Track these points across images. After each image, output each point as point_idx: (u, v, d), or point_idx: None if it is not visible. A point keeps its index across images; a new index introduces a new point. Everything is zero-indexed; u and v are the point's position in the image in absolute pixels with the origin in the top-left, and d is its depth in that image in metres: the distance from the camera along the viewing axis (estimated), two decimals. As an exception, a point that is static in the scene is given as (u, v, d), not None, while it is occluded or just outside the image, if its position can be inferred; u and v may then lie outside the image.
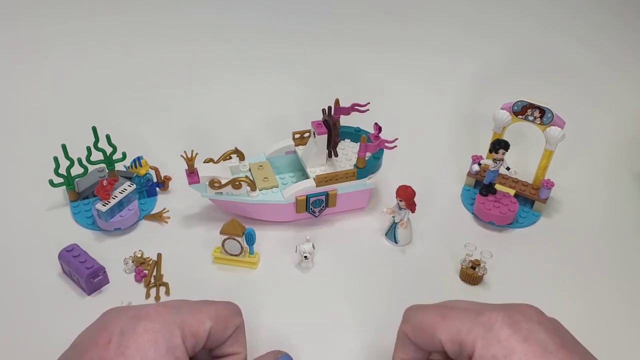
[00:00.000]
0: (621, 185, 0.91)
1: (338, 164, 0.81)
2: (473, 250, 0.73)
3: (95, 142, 0.81)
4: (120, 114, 1.01)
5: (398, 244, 0.78)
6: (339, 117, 0.80)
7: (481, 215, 0.81)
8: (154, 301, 0.70)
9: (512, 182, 0.85)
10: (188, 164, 0.75)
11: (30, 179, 0.86)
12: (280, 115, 1.02)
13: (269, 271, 0.75)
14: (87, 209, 0.81)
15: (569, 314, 0.71)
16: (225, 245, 0.74)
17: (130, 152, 0.84)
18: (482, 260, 0.73)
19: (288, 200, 0.78)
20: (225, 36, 1.26)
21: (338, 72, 1.15)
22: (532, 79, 1.14)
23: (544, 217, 0.84)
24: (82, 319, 0.68)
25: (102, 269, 0.71)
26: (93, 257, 0.71)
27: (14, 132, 0.97)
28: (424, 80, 1.14)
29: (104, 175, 0.83)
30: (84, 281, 0.69)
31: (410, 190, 0.75)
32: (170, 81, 1.12)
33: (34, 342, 0.65)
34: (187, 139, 0.94)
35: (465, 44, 1.25)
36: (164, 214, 0.82)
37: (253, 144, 0.90)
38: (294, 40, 1.25)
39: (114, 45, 1.21)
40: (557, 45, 1.26)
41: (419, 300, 0.71)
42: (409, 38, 1.27)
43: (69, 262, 0.70)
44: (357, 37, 1.27)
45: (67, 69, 1.14)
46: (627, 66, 1.21)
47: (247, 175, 0.80)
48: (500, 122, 0.81)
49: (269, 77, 1.14)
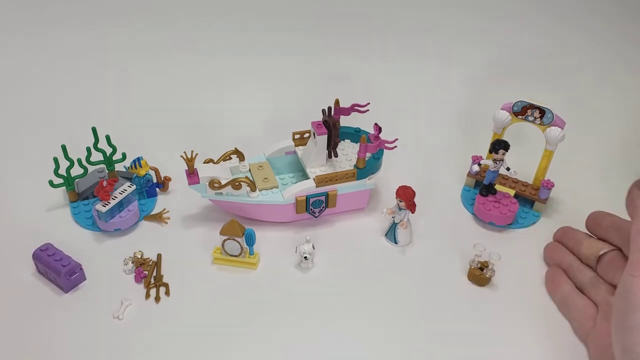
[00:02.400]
0: (621, 185, 0.91)
1: (338, 164, 0.81)
2: (482, 251, 0.73)
3: (95, 142, 0.81)
4: (120, 115, 1.01)
5: (398, 244, 0.78)
6: (338, 117, 0.80)
7: (481, 216, 0.81)
8: (154, 302, 0.70)
9: (512, 183, 0.85)
10: (188, 165, 0.75)
11: (31, 180, 0.86)
12: (280, 115, 1.02)
13: (269, 272, 0.75)
14: (87, 209, 0.81)
15: (569, 314, 0.71)
16: (225, 245, 0.74)
17: (130, 153, 0.84)
18: (490, 262, 0.73)
19: (288, 201, 0.78)
20: (225, 36, 1.26)
21: (338, 72, 1.15)
22: (532, 80, 1.14)
23: (544, 217, 0.84)
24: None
25: (79, 266, 0.71)
26: (68, 255, 0.71)
27: (14, 132, 0.97)
28: (424, 81, 1.14)
29: (103, 175, 0.83)
30: (62, 279, 0.69)
31: (410, 190, 0.74)
32: (171, 82, 1.12)
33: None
34: (187, 140, 0.94)
35: (466, 44, 1.25)
36: (164, 215, 0.82)
37: (253, 144, 0.90)
38: (294, 40, 1.25)
39: (114, 46, 1.21)
40: (558, 46, 1.26)
41: (419, 300, 0.72)
42: (409, 38, 1.27)
43: (43, 261, 0.70)
44: (357, 37, 1.27)
45: (67, 69, 1.14)
46: (627, 66, 1.21)
47: (247, 176, 0.80)
48: (500, 123, 0.81)
49: (269, 77, 1.14)
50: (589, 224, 0.74)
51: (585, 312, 0.66)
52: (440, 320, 0.69)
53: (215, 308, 0.70)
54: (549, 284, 0.72)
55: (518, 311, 0.71)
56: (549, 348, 0.67)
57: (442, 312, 0.70)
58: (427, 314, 0.70)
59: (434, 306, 0.71)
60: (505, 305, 0.71)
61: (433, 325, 0.69)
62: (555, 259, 0.74)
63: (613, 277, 0.65)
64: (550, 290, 0.72)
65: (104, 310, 0.69)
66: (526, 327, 0.69)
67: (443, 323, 0.69)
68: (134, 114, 1.02)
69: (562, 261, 0.73)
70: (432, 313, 0.70)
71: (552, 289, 0.72)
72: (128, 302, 0.70)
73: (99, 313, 0.69)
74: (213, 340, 0.66)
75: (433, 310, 0.70)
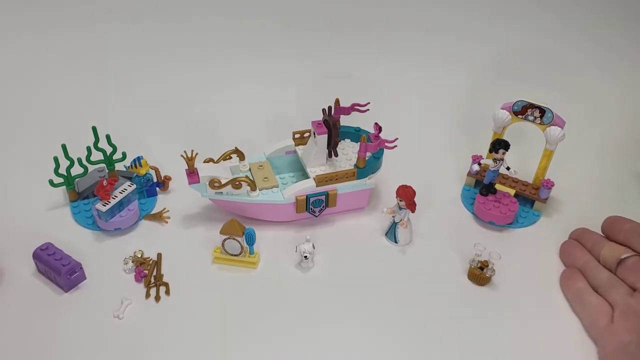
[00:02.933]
0: (621, 185, 0.91)
1: (338, 164, 0.81)
2: (482, 251, 0.73)
3: (96, 142, 0.81)
4: (120, 114, 1.01)
5: (398, 243, 0.78)
6: (339, 117, 0.80)
7: (481, 215, 0.81)
8: (154, 301, 0.70)
9: (512, 182, 0.85)
10: (188, 164, 0.75)
11: (30, 179, 0.86)
12: (280, 115, 1.02)
13: (269, 271, 0.75)
14: (87, 209, 0.81)
15: (569, 313, 0.71)
16: (225, 245, 0.74)
17: (130, 152, 0.84)
18: (490, 261, 0.73)
19: (288, 200, 0.78)
20: (225, 36, 1.26)
21: (338, 72, 1.15)
22: (532, 79, 1.14)
23: (544, 217, 0.84)
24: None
25: (79, 265, 0.71)
26: (68, 254, 0.71)
27: (14, 132, 0.97)
28: (424, 80, 1.14)
29: (104, 175, 0.83)
30: (62, 278, 0.69)
31: (410, 190, 0.75)
32: (171, 81, 1.12)
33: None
34: (187, 139, 0.94)
35: (466, 44, 1.25)
36: (164, 214, 0.82)
37: (253, 144, 0.90)
38: (295, 40, 1.25)
39: (114, 46, 1.21)
40: (558, 46, 1.26)
41: (419, 299, 0.72)
42: (410, 38, 1.27)
43: (44, 260, 0.70)
44: (358, 37, 1.27)
45: (68, 68, 1.14)
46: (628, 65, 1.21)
47: (247, 175, 0.80)
48: (500, 122, 0.81)
49: (270, 77, 1.14)
50: (606, 227, 0.76)
51: (600, 309, 0.67)
52: (440, 319, 0.69)
53: (215, 307, 0.70)
54: (564, 281, 0.73)
55: (518, 311, 0.71)
56: (550, 347, 0.67)
57: (442, 311, 0.70)
58: (427, 313, 0.70)
59: (434, 305, 0.71)
60: (505, 304, 0.71)
61: (433, 324, 0.69)
62: (572, 257, 0.75)
63: (635, 281, 0.67)
64: (565, 286, 0.73)
65: (104, 309, 0.69)
66: (526, 327, 0.69)
67: (443, 322, 0.69)
68: (134, 113, 1.02)
69: (578, 259, 0.74)
70: (432, 312, 0.70)
71: (567, 285, 0.72)
72: (128, 302, 0.70)
73: (99, 312, 0.69)
74: (213, 339, 0.66)
75: (433, 310, 0.70)
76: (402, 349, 0.66)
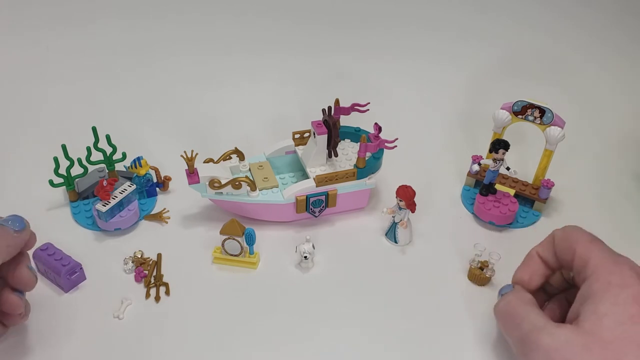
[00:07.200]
0: (621, 185, 0.91)
1: (338, 164, 0.81)
2: (482, 251, 0.73)
3: (95, 142, 0.81)
4: (120, 114, 1.01)
5: (398, 243, 0.78)
6: (339, 117, 0.80)
7: (481, 215, 0.81)
8: (154, 302, 0.70)
9: (512, 182, 0.85)
10: (188, 164, 0.75)
11: (30, 179, 0.86)
12: (280, 115, 1.02)
13: (269, 271, 0.75)
14: (87, 209, 0.81)
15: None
16: (225, 245, 0.74)
17: (130, 152, 0.84)
18: (490, 261, 0.73)
19: (288, 200, 0.78)
20: (225, 36, 1.26)
21: (338, 72, 1.15)
22: (532, 79, 1.14)
23: (544, 217, 0.84)
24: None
25: (79, 265, 0.71)
26: (68, 254, 0.71)
27: (14, 132, 0.97)
28: (424, 80, 1.14)
29: (104, 175, 0.83)
30: (62, 279, 0.69)
31: (410, 190, 0.75)
32: (171, 81, 1.12)
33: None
34: (187, 139, 0.94)
35: (466, 44, 1.25)
36: (164, 214, 0.82)
37: (253, 144, 0.90)
38: (295, 39, 1.25)
39: (114, 45, 1.21)
40: (558, 46, 1.26)
41: (419, 299, 0.72)
42: (410, 38, 1.27)
43: (44, 260, 0.70)
44: (358, 36, 1.28)
45: (67, 68, 1.14)
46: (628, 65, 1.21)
47: (247, 175, 0.80)
48: (500, 122, 0.81)
49: (269, 77, 1.14)
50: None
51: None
52: (440, 319, 0.69)
53: (215, 307, 0.70)
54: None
55: (518, 311, 0.71)
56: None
57: (442, 311, 0.70)
58: (427, 313, 0.70)
59: (434, 305, 0.71)
60: (505, 304, 0.71)
61: (433, 324, 0.69)
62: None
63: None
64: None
65: (104, 309, 0.69)
66: (526, 327, 0.69)
67: (443, 322, 0.69)
68: (134, 114, 1.02)
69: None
70: (432, 312, 0.70)
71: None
72: (128, 302, 0.70)
73: (99, 312, 0.69)
74: (213, 339, 0.66)
75: (433, 310, 0.70)
76: (402, 348, 0.66)
